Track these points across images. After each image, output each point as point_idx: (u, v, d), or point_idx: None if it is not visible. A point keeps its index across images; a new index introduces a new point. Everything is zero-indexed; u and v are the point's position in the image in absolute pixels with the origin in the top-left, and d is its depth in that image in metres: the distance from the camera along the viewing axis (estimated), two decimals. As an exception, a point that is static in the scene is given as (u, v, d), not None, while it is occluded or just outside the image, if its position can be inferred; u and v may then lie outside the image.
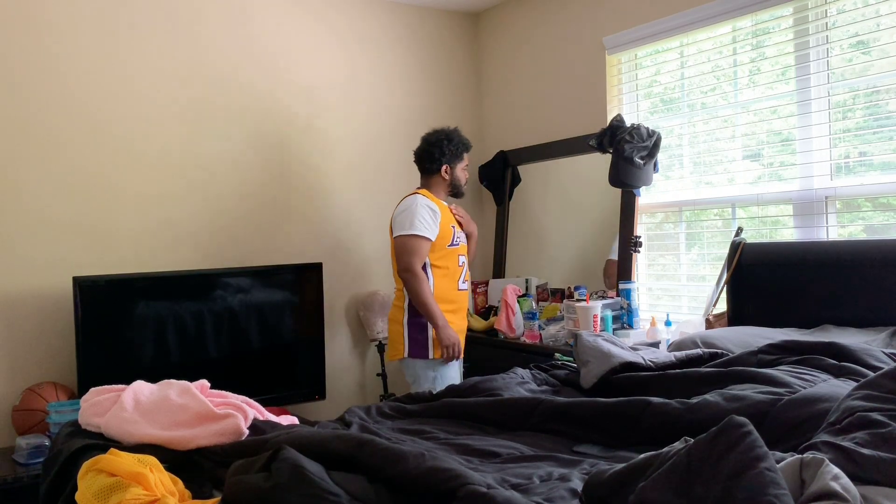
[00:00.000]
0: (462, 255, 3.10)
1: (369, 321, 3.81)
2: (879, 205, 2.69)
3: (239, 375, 3.25)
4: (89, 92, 3.19)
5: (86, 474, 1.41)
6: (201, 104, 3.46)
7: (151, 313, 3.06)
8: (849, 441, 1.24)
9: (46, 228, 3.09)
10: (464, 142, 3.14)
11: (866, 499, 1.09)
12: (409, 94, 4.12)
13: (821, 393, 1.61)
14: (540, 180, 3.95)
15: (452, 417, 1.98)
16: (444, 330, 2.94)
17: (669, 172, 3.39)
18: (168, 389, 1.84)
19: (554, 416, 1.85)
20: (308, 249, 3.76)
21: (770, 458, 1.03)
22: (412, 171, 3.15)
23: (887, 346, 2.19)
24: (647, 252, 3.48)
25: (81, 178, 3.17)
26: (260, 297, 3.35)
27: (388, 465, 1.32)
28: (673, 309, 3.30)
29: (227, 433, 1.68)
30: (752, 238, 2.96)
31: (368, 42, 3.98)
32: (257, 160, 3.62)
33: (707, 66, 3.20)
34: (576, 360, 2.29)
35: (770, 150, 2.99)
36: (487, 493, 1.17)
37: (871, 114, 2.70)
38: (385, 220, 4.02)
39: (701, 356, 2.17)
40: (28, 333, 3.04)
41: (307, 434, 1.54)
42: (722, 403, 1.65)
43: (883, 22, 2.62)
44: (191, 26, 3.43)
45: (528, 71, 4.06)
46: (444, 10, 4.26)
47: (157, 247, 3.33)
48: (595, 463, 1.57)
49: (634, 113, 3.51)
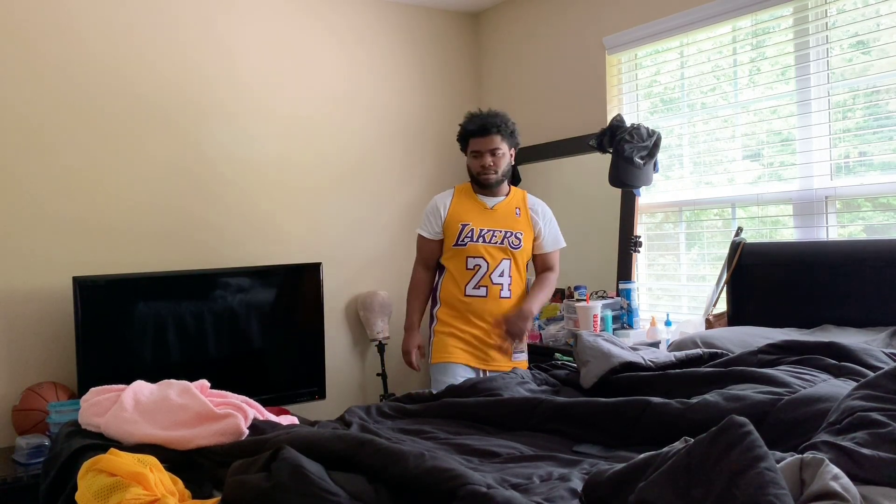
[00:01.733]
0: (474, 256, 2.77)
1: (369, 321, 3.81)
2: (879, 205, 2.69)
3: (239, 375, 3.25)
4: (90, 92, 3.19)
5: (86, 474, 1.41)
6: (201, 104, 3.46)
7: (151, 313, 3.06)
8: (849, 441, 1.23)
9: (46, 228, 3.09)
10: (464, 125, 2.85)
11: (866, 499, 1.09)
12: (409, 94, 4.12)
13: (821, 393, 1.61)
14: (540, 180, 3.95)
15: (452, 417, 1.98)
16: (405, 333, 2.91)
17: (669, 172, 3.39)
18: (168, 389, 1.84)
19: (554, 416, 1.85)
20: (308, 249, 3.76)
21: (770, 458, 1.03)
22: (412, 170, 3.17)
23: (887, 346, 2.19)
24: (647, 252, 3.48)
25: (81, 178, 3.17)
26: (260, 297, 3.35)
27: (388, 465, 1.32)
28: (673, 309, 3.30)
29: (227, 433, 1.68)
30: (752, 238, 2.96)
31: (368, 42, 3.98)
32: (257, 160, 3.62)
33: (707, 66, 3.20)
34: (576, 360, 2.29)
35: (770, 150, 2.99)
36: (487, 493, 1.17)
37: (871, 114, 2.70)
38: (385, 219, 4.03)
39: (701, 356, 2.17)
40: (28, 333, 3.04)
41: (307, 434, 1.54)
42: (722, 403, 1.65)
43: (883, 22, 2.62)
44: (191, 27, 3.43)
45: (528, 71, 4.06)
46: (444, 10, 4.25)
47: (157, 247, 3.33)
48: (595, 463, 1.57)
49: (634, 113, 3.51)
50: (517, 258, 2.82)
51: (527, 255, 2.87)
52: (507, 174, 2.86)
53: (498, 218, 2.82)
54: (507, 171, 2.85)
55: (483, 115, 2.82)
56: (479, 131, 2.78)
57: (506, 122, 2.81)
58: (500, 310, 2.78)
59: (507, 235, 2.80)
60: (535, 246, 2.89)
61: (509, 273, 2.80)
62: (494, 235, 2.79)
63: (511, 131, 2.82)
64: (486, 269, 2.77)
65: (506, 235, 2.80)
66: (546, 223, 2.90)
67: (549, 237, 2.90)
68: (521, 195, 2.93)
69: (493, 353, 2.79)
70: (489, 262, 2.78)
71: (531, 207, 2.89)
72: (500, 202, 2.86)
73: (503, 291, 2.79)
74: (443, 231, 2.84)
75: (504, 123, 2.80)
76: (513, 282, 2.81)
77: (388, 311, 3.85)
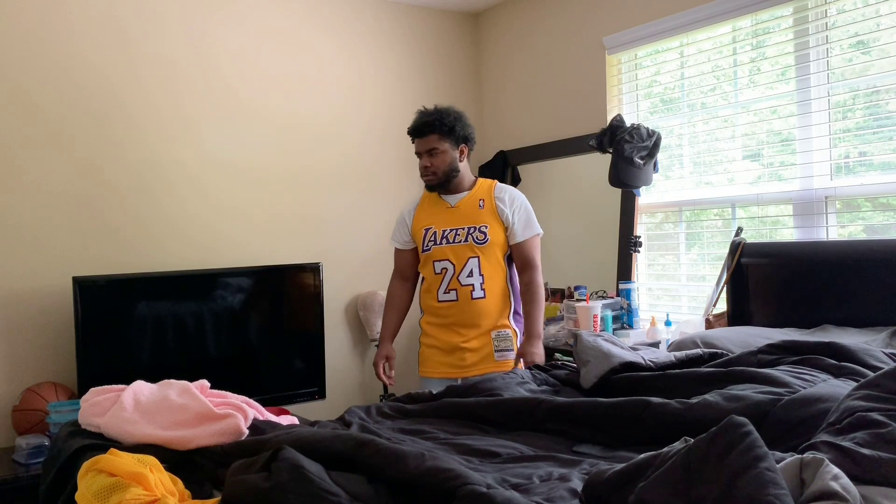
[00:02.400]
0: (440, 260, 2.66)
1: (369, 321, 3.81)
2: (879, 205, 2.69)
3: (239, 375, 3.25)
4: (90, 92, 3.19)
5: (86, 474, 1.41)
6: (202, 104, 3.46)
7: (151, 313, 3.06)
8: (849, 441, 1.23)
9: (46, 228, 3.09)
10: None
11: (866, 499, 1.09)
12: (409, 94, 4.12)
13: (821, 393, 1.61)
14: (540, 180, 3.95)
15: (452, 417, 1.98)
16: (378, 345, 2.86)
17: (669, 172, 3.39)
18: (168, 389, 1.84)
19: (554, 416, 1.85)
20: (308, 249, 3.76)
21: (770, 458, 1.03)
22: (412, 170, 3.16)
23: (887, 346, 2.19)
24: (647, 252, 3.48)
25: (81, 178, 3.17)
26: (260, 297, 3.35)
27: (388, 465, 1.32)
28: (673, 309, 3.30)
29: (227, 433, 1.68)
30: (752, 238, 2.96)
31: (368, 42, 3.98)
32: (256, 160, 3.62)
33: (707, 66, 3.20)
34: (576, 360, 2.29)
35: (770, 150, 2.99)
36: (487, 493, 1.17)
37: (871, 114, 2.70)
38: (384, 219, 4.03)
39: (701, 356, 2.17)
40: (28, 333, 3.04)
41: (307, 434, 1.54)
42: (722, 403, 1.65)
43: (883, 22, 2.62)
44: (193, 28, 3.43)
45: (528, 71, 4.06)
46: (444, 10, 4.25)
47: (157, 247, 3.33)
48: (595, 463, 1.57)
49: (634, 113, 3.51)
50: (487, 253, 2.63)
51: (499, 248, 2.66)
52: (455, 172, 2.67)
53: (460, 215, 2.67)
54: (451, 169, 2.66)
55: (421, 113, 2.68)
56: (414, 132, 2.68)
57: (443, 118, 2.62)
58: (475, 311, 2.63)
59: (471, 231, 2.63)
60: (509, 236, 2.67)
61: (479, 272, 2.63)
62: (458, 234, 2.65)
63: (450, 128, 2.62)
64: (452, 272, 2.64)
65: (469, 231, 2.63)
66: (515, 210, 2.66)
67: (519, 224, 2.65)
68: (488, 185, 2.73)
69: (470, 357, 2.65)
70: (455, 263, 2.64)
71: (497, 196, 2.68)
72: (463, 198, 2.69)
73: (475, 292, 2.63)
74: (412, 239, 2.77)
75: (440, 121, 2.62)
76: (486, 280, 2.63)
77: (388, 311, 3.85)
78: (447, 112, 2.66)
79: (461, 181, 2.71)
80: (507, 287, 2.71)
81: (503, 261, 2.69)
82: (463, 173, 2.71)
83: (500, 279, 2.68)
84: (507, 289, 2.71)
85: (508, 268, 2.72)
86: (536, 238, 2.70)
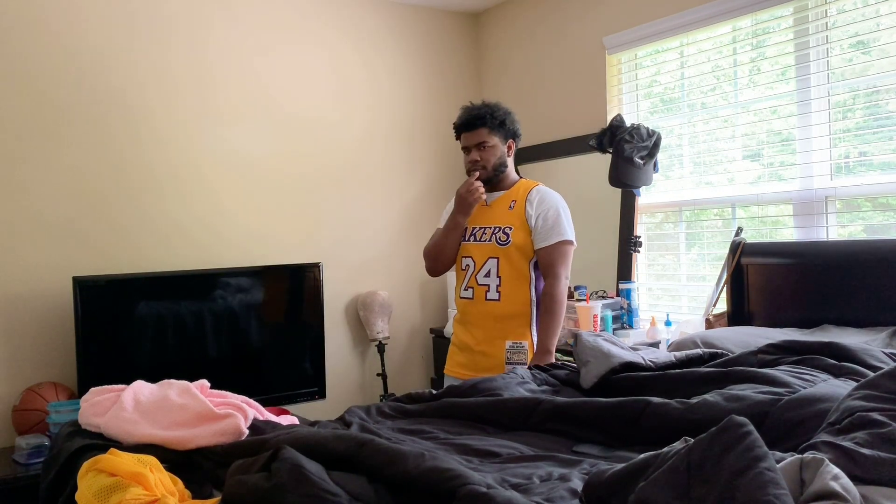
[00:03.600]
0: (465, 256, 2.62)
1: (369, 321, 3.81)
2: (879, 205, 2.69)
3: (239, 375, 3.25)
4: (89, 92, 3.19)
5: (86, 474, 1.41)
6: (202, 104, 3.46)
7: (151, 313, 3.06)
8: (849, 441, 1.23)
9: (46, 228, 3.09)
10: (456, 121, 2.67)
11: (866, 499, 1.09)
12: (409, 94, 4.12)
13: (821, 393, 1.61)
14: (540, 180, 3.93)
15: (452, 417, 1.97)
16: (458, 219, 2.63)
17: (669, 172, 3.39)
18: (168, 389, 1.84)
19: (554, 416, 1.85)
20: (308, 249, 3.76)
21: (770, 458, 1.03)
22: (412, 170, 3.17)
23: (887, 346, 2.19)
24: (647, 252, 3.48)
25: (81, 178, 3.17)
26: (260, 297, 3.35)
27: (388, 465, 1.32)
28: (673, 309, 3.30)
29: (227, 433, 1.68)
30: (752, 238, 2.96)
31: (368, 42, 3.98)
32: (256, 160, 3.62)
33: (707, 66, 3.20)
34: (576, 360, 2.29)
35: (770, 150, 2.99)
36: (487, 493, 1.17)
37: (871, 114, 2.70)
38: (385, 219, 4.03)
39: (701, 356, 2.17)
40: (28, 333, 3.04)
41: (307, 434, 1.54)
42: (722, 403, 1.65)
43: (883, 22, 2.62)
44: (194, 28, 3.43)
45: (528, 71, 4.06)
46: (444, 10, 4.25)
47: (157, 247, 3.33)
48: (595, 463, 1.57)
49: (634, 113, 3.51)
50: (508, 256, 2.52)
51: (522, 253, 2.54)
52: (503, 167, 2.62)
53: (491, 214, 2.60)
54: (501, 163, 2.61)
55: (469, 108, 2.62)
56: (463, 126, 2.61)
57: (493, 112, 2.58)
58: (486, 313, 2.55)
59: (496, 231, 2.56)
60: (533, 240, 2.55)
61: (497, 273, 2.53)
62: (484, 233, 2.58)
63: (501, 122, 2.58)
64: (473, 269, 2.58)
65: (494, 231, 2.56)
66: (541, 212, 2.54)
67: (543, 227, 2.52)
68: (526, 186, 2.64)
69: (483, 362, 2.56)
70: (476, 261, 2.58)
71: (528, 198, 2.58)
72: (499, 197, 2.63)
73: (489, 293, 2.54)
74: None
75: (491, 114, 2.57)
76: (503, 282, 2.53)
77: (388, 311, 3.85)
78: (497, 107, 2.62)
79: (505, 178, 2.65)
80: (531, 296, 2.56)
81: (528, 267, 2.56)
82: (508, 170, 2.65)
83: (521, 286, 2.55)
84: (530, 298, 2.56)
85: (535, 276, 2.57)
86: (563, 245, 2.54)
